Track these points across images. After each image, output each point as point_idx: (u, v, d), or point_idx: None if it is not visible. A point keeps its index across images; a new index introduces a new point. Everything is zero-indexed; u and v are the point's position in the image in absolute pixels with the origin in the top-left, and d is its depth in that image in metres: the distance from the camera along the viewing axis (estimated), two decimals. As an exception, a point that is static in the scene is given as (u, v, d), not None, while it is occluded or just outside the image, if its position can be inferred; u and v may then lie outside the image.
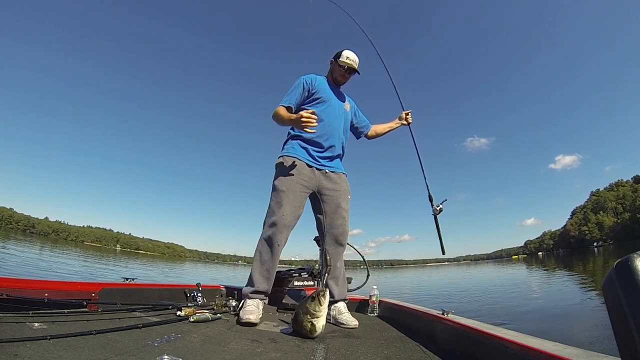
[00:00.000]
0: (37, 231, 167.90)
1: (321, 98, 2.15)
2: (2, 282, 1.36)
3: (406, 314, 2.03)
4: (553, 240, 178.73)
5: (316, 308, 1.52)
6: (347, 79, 2.31)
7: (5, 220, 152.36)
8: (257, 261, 1.94)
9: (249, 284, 1.93)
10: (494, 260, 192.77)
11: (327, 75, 2.33)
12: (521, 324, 4.21)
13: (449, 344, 1.39)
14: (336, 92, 2.28)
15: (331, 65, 2.31)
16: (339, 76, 2.27)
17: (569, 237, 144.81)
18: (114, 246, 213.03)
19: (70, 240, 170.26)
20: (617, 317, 0.55)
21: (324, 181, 2.11)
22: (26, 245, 25.17)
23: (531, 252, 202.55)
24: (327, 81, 2.29)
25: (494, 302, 6.83)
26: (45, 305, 1.37)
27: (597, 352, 0.80)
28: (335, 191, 2.12)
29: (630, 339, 0.52)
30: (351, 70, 2.24)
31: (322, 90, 2.18)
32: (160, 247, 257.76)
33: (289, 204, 1.96)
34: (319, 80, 2.21)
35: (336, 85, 2.31)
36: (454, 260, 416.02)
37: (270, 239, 1.92)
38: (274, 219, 1.93)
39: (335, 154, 2.19)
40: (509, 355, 0.96)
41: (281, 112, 2.04)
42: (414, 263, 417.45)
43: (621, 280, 0.54)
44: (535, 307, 5.74)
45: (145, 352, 1.06)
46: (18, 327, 1.13)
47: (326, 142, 2.12)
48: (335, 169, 2.19)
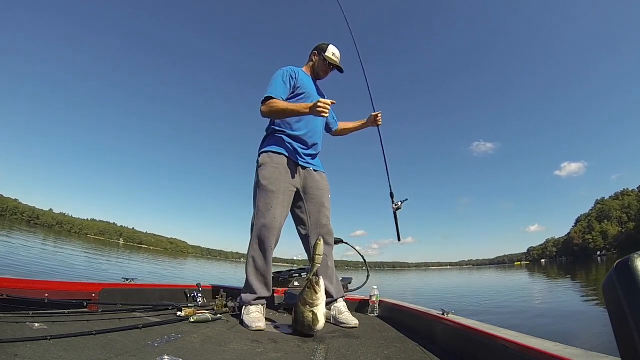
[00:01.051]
0: (41, 222, 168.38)
1: (305, 93, 2.09)
2: (2, 282, 1.36)
3: (406, 314, 2.03)
4: (556, 248, 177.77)
5: (313, 296, 1.55)
6: (327, 75, 2.29)
7: (10, 210, 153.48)
8: (252, 267, 1.88)
9: (248, 290, 1.87)
10: (496, 265, 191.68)
11: (304, 68, 2.27)
12: (522, 329, 4.21)
13: (448, 344, 1.39)
14: (316, 87, 2.25)
15: (313, 58, 2.25)
16: (321, 71, 2.24)
17: (572, 244, 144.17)
18: (117, 239, 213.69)
19: (73, 232, 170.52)
20: (617, 317, 0.55)
21: (309, 179, 2.08)
22: (30, 236, 25.21)
23: (534, 258, 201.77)
24: (307, 74, 2.23)
25: (497, 307, 6.79)
26: (46, 305, 1.37)
27: (597, 352, 0.80)
28: (319, 190, 2.09)
29: (630, 339, 0.52)
30: (335, 67, 2.23)
31: (305, 85, 2.13)
32: (163, 242, 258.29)
33: (279, 205, 1.90)
34: (300, 73, 2.14)
35: (316, 79, 2.28)
36: (456, 264, 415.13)
37: (262, 242, 1.87)
38: (263, 221, 1.86)
39: (317, 152, 2.18)
40: (509, 355, 0.96)
41: (280, 104, 1.94)
42: (416, 266, 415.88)
43: (621, 280, 0.54)
44: (538, 313, 5.73)
45: (145, 352, 1.06)
46: (18, 327, 1.13)
47: (310, 140, 2.09)
48: (317, 167, 2.16)
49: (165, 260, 30.50)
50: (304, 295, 1.58)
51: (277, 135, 2.06)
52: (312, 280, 1.60)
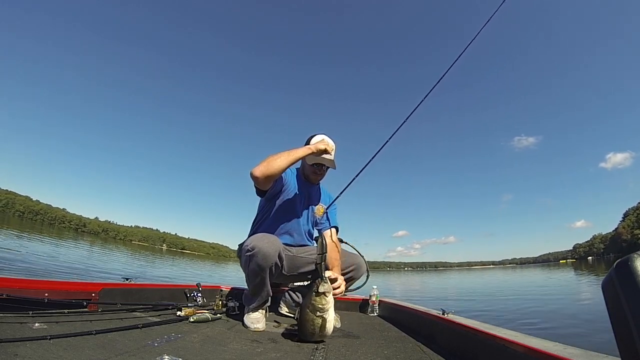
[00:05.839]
0: (88, 230, 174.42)
1: (284, 190, 1.91)
2: (3, 282, 1.36)
3: (406, 314, 2.03)
4: (604, 244, 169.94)
5: (322, 302, 1.43)
6: (320, 177, 2.02)
7: (59, 220, 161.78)
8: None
9: (250, 291, 1.82)
10: (540, 264, 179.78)
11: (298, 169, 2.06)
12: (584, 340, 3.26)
13: (448, 344, 1.39)
14: (304, 187, 2.01)
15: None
16: (310, 174, 2.00)
17: (620, 240, 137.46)
18: (160, 245, 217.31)
19: (118, 239, 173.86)
20: (617, 317, 0.55)
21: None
22: (80, 243, 25.64)
23: (580, 256, 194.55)
24: (297, 177, 2.02)
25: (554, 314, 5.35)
26: (46, 305, 1.37)
27: (597, 352, 0.80)
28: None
29: (630, 339, 0.52)
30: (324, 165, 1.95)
31: (289, 182, 1.93)
32: (205, 248, 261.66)
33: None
34: (288, 172, 1.92)
35: (309, 182, 2.03)
36: (499, 263, 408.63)
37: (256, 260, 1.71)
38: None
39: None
40: (509, 355, 0.96)
41: (277, 154, 1.69)
42: (459, 266, 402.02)
43: (621, 280, 0.54)
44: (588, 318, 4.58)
45: (145, 352, 1.06)
46: (18, 327, 1.13)
47: (293, 240, 1.98)
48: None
49: (207, 265, 30.47)
50: (312, 301, 1.43)
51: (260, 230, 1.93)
52: (320, 283, 1.48)
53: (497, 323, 1.25)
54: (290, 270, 1.94)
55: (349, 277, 2.02)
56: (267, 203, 1.95)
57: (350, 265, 2.03)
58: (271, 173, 1.65)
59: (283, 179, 1.88)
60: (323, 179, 2.08)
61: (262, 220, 1.97)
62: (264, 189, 1.80)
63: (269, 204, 1.95)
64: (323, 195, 2.13)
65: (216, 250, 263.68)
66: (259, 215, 2.01)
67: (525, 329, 3.67)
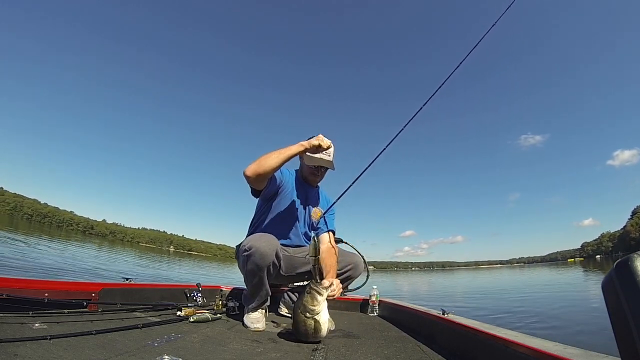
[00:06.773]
0: (96, 232, 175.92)
1: (282, 192, 1.90)
2: (3, 282, 1.36)
3: (406, 314, 2.02)
4: (612, 243, 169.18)
5: (314, 303, 1.42)
6: (319, 178, 2.02)
7: (67, 222, 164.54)
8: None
9: (249, 291, 1.81)
10: (548, 263, 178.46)
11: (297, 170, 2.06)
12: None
13: (449, 344, 1.39)
14: (302, 189, 2.00)
15: (300, 160, 1.97)
16: (309, 175, 1.99)
17: (629, 239, 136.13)
18: (168, 247, 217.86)
19: (126, 241, 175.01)
20: (617, 317, 0.55)
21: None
22: (87, 245, 25.76)
23: (588, 254, 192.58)
24: (296, 178, 2.01)
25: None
26: (46, 305, 1.37)
27: (597, 352, 0.80)
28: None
29: (630, 339, 0.52)
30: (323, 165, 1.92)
31: (287, 184, 1.92)
32: (212, 249, 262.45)
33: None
34: (285, 173, 1.92)
35: (308, 184, 2.03)
36: (507, 262, 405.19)
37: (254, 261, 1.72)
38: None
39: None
40: (509, 355, 0.96)
41: (269, 153, 1.65)
42: (466, 265, 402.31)
43: (621, 280, 0.54)
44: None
45: (145, 352, 1.06)
46: (18, 327, 1.13)
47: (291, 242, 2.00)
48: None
49: (214, 265, 30.47)
50: (303, 302, 1.44)
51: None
52: (312, 284, 1.49)
53: (502, 323, 1.23)
54: (288, 270, 1.94)
55: (347, 276, 2.03)
56: (264, 204, 1.95)
57: (348, 264, 2.03)
58: (263, 172, 1.63)
59: (280, 179, 1.87)
60: (322, 180, 2.08)
61: (260, 221, 1.97)
62: (258, 188, 1.80)
63: (266, 204, 1.94)
64: (321, 199, 2.12)
65: (223, 251, 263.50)
66: (256, 216, 2.01)
67: (531, 329, 3.65)
